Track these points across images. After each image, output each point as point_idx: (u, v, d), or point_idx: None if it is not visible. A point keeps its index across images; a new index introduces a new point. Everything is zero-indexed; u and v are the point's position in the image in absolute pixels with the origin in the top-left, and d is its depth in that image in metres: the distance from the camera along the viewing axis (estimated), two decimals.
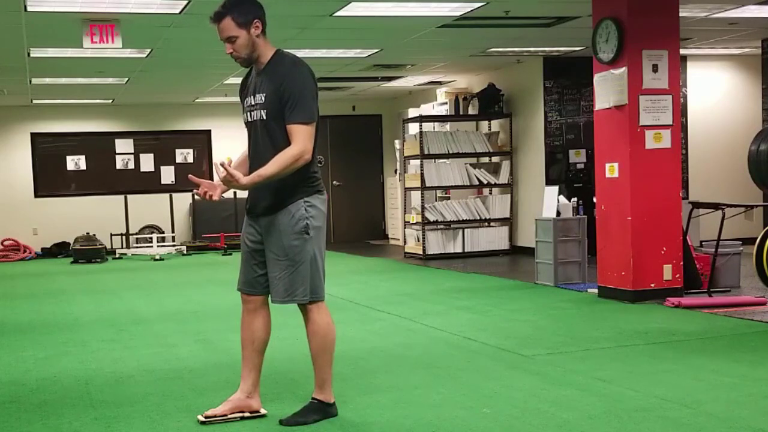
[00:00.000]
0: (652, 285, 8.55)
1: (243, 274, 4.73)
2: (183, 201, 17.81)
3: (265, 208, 4.50)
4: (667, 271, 8.60)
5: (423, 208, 13.88)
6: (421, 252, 13.90)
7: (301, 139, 4.37)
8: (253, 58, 4.55)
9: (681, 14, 8.84)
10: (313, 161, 4.54)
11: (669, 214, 8.63)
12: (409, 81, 15.85)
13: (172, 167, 18.28)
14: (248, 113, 4.61)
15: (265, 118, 4.48)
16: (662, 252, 8.56)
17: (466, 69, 14.57)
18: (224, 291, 10.14)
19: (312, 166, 4.53)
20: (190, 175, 4.81)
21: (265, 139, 4.50)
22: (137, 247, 16.85)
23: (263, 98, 4.48)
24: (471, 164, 14.41)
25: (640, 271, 8.51)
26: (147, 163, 18.18)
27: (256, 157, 4.55)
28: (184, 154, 18.19)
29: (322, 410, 4.64)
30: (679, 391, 5.03)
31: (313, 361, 4.64)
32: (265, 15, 4.53)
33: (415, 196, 14.26)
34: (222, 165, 4.36)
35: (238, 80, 4.83)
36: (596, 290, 9.04)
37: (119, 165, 18.06)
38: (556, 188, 10.33)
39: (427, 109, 15.75)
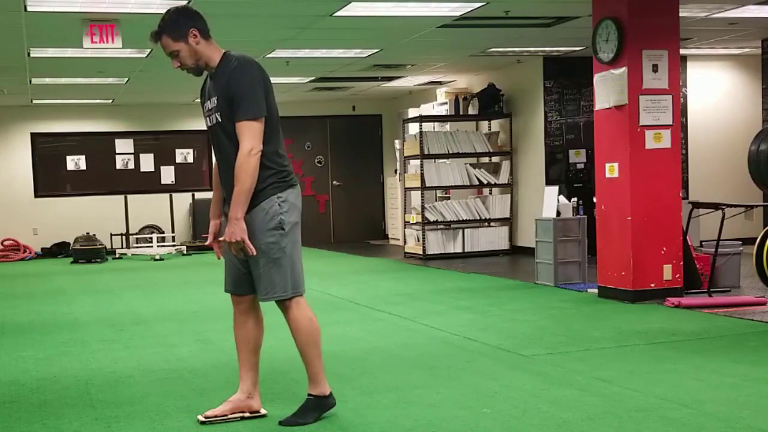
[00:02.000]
0: (652, 285, 8.55)
1: (229, 275, 4.75)
2: (183, 201, 17.83)
3: None
4: (667, 271, 8.60)
5: (423, 208, 13.88)
6: (421, 252, 13.89)
7: (247, 137, 4.39)
8: (201, 66, 4.59)
9: (681, 14, 8.84)
10: (281, 154, 4.57)
11: (669, 214, 8.63)
12: (409, 81, 15.85)
13: (172, 167, 18.28)
14: (207, 118, 4.67)
15: (220, 120, 4.52)
16: (662, 252, 8.57)
17: (466, 69, 14.57)
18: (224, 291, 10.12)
19: (282, 159, 4.56)
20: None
21: (225, 141, 4.52)
22: (137, 247, 16.85)
23: (216, 101, 4.53)
24: (471, 164, 14.41)
25: (640, 271, 8.51)
26: (147, 163, 18.18)
27: (223, 158, 4.58)
28: (184, 154, 18.20)
29: (320, 405, 4.64)
30: (679, 391, 5.03)
31: (302, 357, 4.63)
32: (203, 22, 4.56)
33: (415, 196, 14.26)
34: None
35: None
36: (596, 290, 9.04)
37: (119, 165, 18.06)
38: (556, 188, 10.33)
39: (427, 109, 15.75)
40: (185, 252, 16.48)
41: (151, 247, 16.44)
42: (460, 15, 9.67)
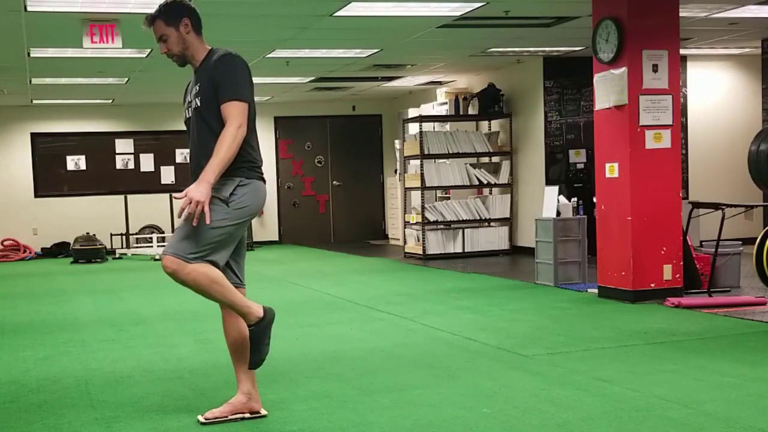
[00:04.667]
0: (652, 285, 8.55)
1: None
2: None
3: None
4: (667, 271, 8.60)
5: (423, 208, 13.88)
6: (421, 252, 13.89)
7: (234, 115, 4.43)
8: (187, 56, 4.68)
9: (681, 14, 8.85)
10: (255, 148, 4.59)
11: (669, 214, 8.63)
12: (409, 81, 15.85)
13: (172, 167, 18.29)
14: (186, 110, 4.71)
15: (200, 105, 4.55)
16: (662, 252, 8.57)
17: (466, 69, 14.57)
18: None
19: (255, 153, 4.58)
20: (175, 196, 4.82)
21: (202, 126, 4.55)
22: (137, 247, 16.86)
23: (198, 88, 4.58)
24: (471, 164, 14.41)
25: (640, 271, 8.51)
26: (147, 163, 18.19)
27: (198, 147, 4.59)
28: (185, 154, 18.17)
29: (264, 327, 4.52)
30: (679, 391, 5.03)
31: (225, 304, 4.53)
32: (196, 16, 4.69)
33: (415, 196, 14.26)
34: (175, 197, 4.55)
35: None
36: (596, 290, 9.04)
37: (119, 165, 18.07)
38: (556, 188, 10.33)
39: (427, 109, 15.75)
40: None
41: (151, 247, 16.45)
42: (460, 15, 9.67)
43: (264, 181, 4.64)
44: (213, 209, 4.39)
